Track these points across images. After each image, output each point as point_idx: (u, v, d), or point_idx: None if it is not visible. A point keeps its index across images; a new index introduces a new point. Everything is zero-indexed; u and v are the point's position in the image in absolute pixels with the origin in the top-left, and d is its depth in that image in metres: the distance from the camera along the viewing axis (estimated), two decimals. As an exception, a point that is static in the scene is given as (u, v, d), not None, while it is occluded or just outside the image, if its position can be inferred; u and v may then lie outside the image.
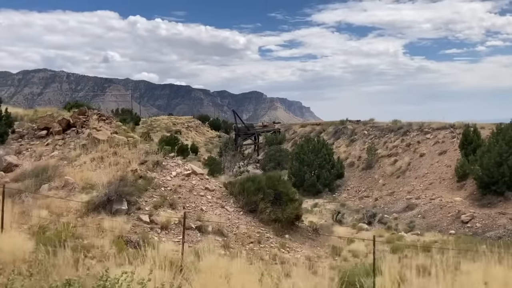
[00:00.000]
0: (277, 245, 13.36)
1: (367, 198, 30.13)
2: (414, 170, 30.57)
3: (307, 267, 10.04)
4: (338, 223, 23.77)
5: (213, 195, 14.77)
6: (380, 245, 15.96)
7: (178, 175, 14.95)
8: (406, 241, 19.29)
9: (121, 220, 11.33)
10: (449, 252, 15.49)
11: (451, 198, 24.81)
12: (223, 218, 13.66)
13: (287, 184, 15.24)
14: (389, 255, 12.47)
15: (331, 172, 33.16)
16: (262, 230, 14.03)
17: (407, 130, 35.45)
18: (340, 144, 41.06)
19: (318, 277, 8.12)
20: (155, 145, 16.45)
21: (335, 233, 19.25)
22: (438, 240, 19.16)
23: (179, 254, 8.46)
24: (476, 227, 21.14)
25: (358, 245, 15.85)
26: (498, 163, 22.92)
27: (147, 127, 79.06)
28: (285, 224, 14.61)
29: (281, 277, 6.52)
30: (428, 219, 23.37)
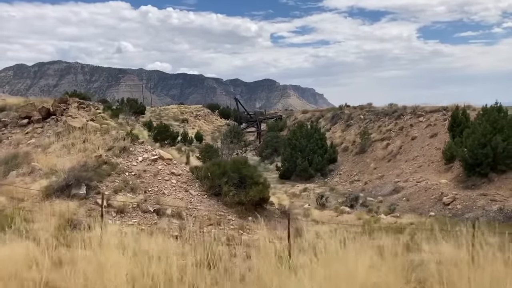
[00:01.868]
0: (237, 227, 13.61)
1: (358, 182, 30.15)
2: (405, 153, 30.45)
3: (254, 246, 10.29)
4: (322, 207, 23.97)
5: (179, 179, 15.06)
6: (354, 227, 16.15)
7: (144, 161, 15.26)
8: (383, 223, 19.44)
9: (74, 204, 11.69)
10: (421, 233, 15.63)
11: (437, 180, 24.70)
12: (185, 202, 13.95)
13: (252, 168, 15.39)
14: (352, 237, 12.67)
15: (324, 157, 33.20)
16: (224, 212, 14.29)
17: (401, 113, 35.21)
18: (336, 129, 40.99)
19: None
20: (128, 131, 16.67)
21: (312, 216, 19.51)
22: (415, 222, 19.19)
23: (122, 235, 8.76)
24: (456, 208, 21.09)
25: (329, 227, 16.03)
26: (482, 144, 22.72)
27: (155, 116, 79.92)
28: (249, 207, 14.82)
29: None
30: (412, 202, 23.35)
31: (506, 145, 22.09)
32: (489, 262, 4.92)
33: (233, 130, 55.85)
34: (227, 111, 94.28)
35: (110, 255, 5.47)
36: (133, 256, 5.66)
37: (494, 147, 22.21)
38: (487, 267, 4.83)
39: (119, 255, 5.35)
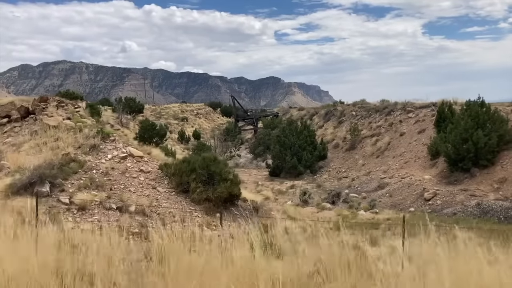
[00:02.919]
0: (202, 224, 13.66)
1: (346, 178, 30.10)
2: (393, 149, 30.35)
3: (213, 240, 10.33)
4: (304, 203, 23.97)
5: (147, 176, 15.12)
6: (327, 223, 16.16)
7: (113, 158, 15.33)
8: (360, 219, 19.44)
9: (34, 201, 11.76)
10: (394, 228, 15.59)
11: (421, 176, 24.63)
12: (150, 199, 14.01)
13: (222, 164, 15.42)
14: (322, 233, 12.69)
15: (313, 154, 33.17)
16: (191, 209, 14.35)
17: (391, 110, 35.07)
18: (329, 126, 40.91)
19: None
20: (98, 129, 16.73)
21: (288, 213, 19.52)
22: (392, 218, 19.18)
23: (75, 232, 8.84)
24: (436, 204, 21.03)
25: (304, 223, 16.06)
26: (464, 139, 22.62)
27: (155, 115, 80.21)
28: (218, 204, 14.85)
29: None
30: (394, 198, 23.31)
31: (488, 140, 21.97)
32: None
33: (228, 128, 55.98)
34: (229, 109, 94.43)
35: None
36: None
37: (475, 142, 22.11)
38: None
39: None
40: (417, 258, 4.36)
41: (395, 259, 4.85)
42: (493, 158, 22.27)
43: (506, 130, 22.64)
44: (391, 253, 6.90)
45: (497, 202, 19.32)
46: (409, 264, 4.55)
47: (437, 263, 3.57)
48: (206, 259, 4.33)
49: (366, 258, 5.42)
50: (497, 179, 21.30)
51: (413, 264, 4.25)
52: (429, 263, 3.72)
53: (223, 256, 5.20)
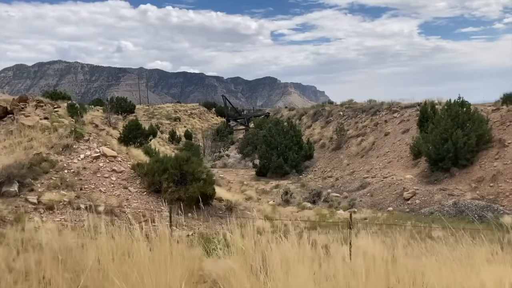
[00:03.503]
0: (172, 224, 13.66)
1: (330, 178, 30.15)
2: (377, 149, 30.43)
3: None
4: (286, 203, 24.03)
5: (119, 176, 15.13)
6: (303, 223, 16.23)
7: (86, 158, 15.34)
8: (338, 218, 19.50)
9: (1, 201, 11.79)
10: (370, 228, 15.65)
11: (403, 176, 24.72)
12: (121, 199, 14.03)
13: (195, 164, 15.44)
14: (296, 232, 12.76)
15: (299, 154, 33.23)
16: (162, 209, 14.37)
17: (377, 110, 35.17)
18: (316, 126, 40.99)
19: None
20: (72, 129, 16.70)
21: (266, 212, 19.56)
22: (369, 217, 19.27)
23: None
24: (415, 203, 21.12)
25: (279, 223, 16.12)
26: (444, 139, 22.73)
27: (148, 115, 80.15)
28: (190, 203, 14.87)
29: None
30: (375, 197, 23.38)
31: (467, 140, 22.07)
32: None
33: (218, 128, 56.02)
34: (223, 109, 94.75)
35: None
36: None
37: (455, 142, 22.22)
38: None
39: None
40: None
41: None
42: (472, 157, 22.38)
43: (485, 130, 22.74)
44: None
45: (473, 201, 19.43)
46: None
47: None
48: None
49: (331, 256, 5.48)
50: (475, 178, 21.41)
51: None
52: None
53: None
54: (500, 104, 26.08)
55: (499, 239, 8.28)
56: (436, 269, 4.47)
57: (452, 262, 4.69)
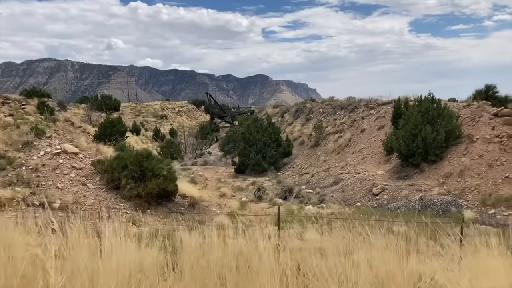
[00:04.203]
0: (128, 220, 13.67)
1: (307, 174, 30.25)
2: (353, 145, 30.59)
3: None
4: (258, 199, 24.10)
5: (79, 173, 15.10)
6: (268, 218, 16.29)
7: (46, 155, 15.28)
8: (305, 214, 19.61)
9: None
10: (334, 223, 15.71)
11: (375, 172, 24.88)
12: (78, 195, 14.00)
13: (155, 161, 15.43)
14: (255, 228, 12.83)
15: (277, 151, 33.27)
16: (120, 205, 14.36)
17: (355, 106, 35.32)
18: (297, 123, 41.07)
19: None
20: (33, 126, 16.62)
21: (232, 209, 19.63)
22: (336, 212, 19.40)
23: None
24: (383, 199, 21.27)
25: (242, 219, 16.14)
26: (414, 135, 22.90)
27: (134, 113, 79.89)
28: (149, 200, 14.90)
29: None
30: (346, 193, 23.51)
31: (436, 136, 22.25)
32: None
33: (201, 126, 55.97)
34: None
35: None
36: None
37: (424, 137, 22.38)
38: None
39: None
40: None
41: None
42: (442, 153, 22.56)
43: (455, 125, 22.94)
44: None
45: (439, 196, 19.62)
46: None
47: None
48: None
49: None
50: (443, 174, 21.60)
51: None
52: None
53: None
54: (471, 100, 26.29)
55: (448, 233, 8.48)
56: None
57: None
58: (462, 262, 4.67)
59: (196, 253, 4.82)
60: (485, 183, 19.76)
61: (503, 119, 22.28)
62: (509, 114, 22.53)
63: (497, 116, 22.74)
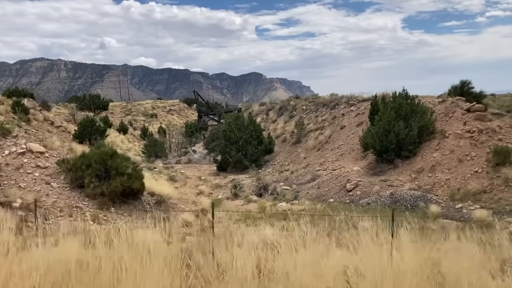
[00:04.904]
0: (90, 218, 13.72)
1: (287, 171, 30.37)
2: (332, 142, 30.72)
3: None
4: (235, 197, 24.20)
5: (43, 172, 15.13)
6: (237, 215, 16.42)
7: (10, 154, 15.30)
8: (277, 210, 19.73)
9: None
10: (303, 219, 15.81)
11: (351, 168, 25.01)
12: (40, 194, 14.04)
13: (120, 159, 15.48)
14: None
15: (258, 148, 33.38)
16: (83, 204, 14.41)
17: (336, 103, 35.46)
18: (281, 120, 41.19)
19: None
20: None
21: (202, 206, 19.69)
22: (306, 208, 19.51)
23: None
24: (356, 194, 21.40)
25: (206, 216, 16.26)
26: (387, 131, 23.04)
27: (125, 112, 79.82)
28: (114, 198, 14.95)
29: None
30: (321, 189, 23.62)
31: (409, 132, 22.41)
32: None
33: (187, 124, 56.02)
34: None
35: None
36: None
37: (397, 133, 22.53)
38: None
39: None
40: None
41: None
42: (415, 149, 22.73)
43: (428, 121, 23.10)
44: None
45: (410, 191, 19.78)
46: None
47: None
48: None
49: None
50: (416, 169, 21.77)
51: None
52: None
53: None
54: (447, 96, 26.48)
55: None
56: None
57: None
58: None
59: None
60: (454, 178, 19.94)
61: (475, 114, 22.46)
62: (481, 110, 22.73)
63: (470, 112, 22.92)
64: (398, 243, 5.50)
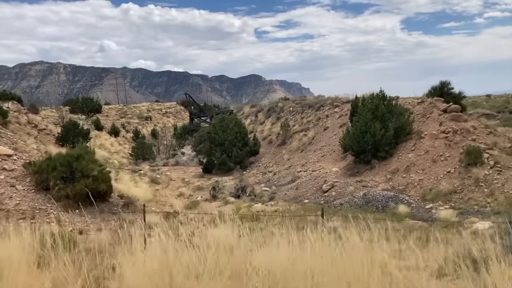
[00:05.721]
0: (53, 220, 13.80)
1: (270, 173, 30.42)
2: (315, 143, 30.78)
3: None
4: (213, 198, 24.25)
5: (9, 174, 15.22)
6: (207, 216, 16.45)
7: (-23, 157, 15.38)
8: (251, 211, 19.80)
9: None
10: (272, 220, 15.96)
11: (330, 169, 25.06)
12: (3, 197, 14.11)
13: (85, 161, 15.55)
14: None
15: (243, 150, 33.43)
16: (47, 206, 14.48)
17: (321, 105, 35.53)
18: (269, 122, 41.27)
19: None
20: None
21: (175, 208, 19.77)
22: (279, 209, 19.58)
23: None
24: (331, 195, 21.47)
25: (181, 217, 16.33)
26: (364, 131, 23.10)
27: (120, 115, 79.97)
28: (78, 200, 14.99)
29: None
30: (299, 190, 23.69)
31: (385, 133, 22.47)
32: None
33: (176, 126, 56.16)
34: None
35: None
36: None
37: (373, 134, 22.59)
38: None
39: None
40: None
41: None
42: (391, 150, 22.78)
43: (405, 122, 23.15)
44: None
45: (383, 192, 19.84)
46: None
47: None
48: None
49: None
50: (391, 170, 21.83)
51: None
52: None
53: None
54: (426, 96, 26.54)
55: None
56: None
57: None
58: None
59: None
60: (428, 178, 19.99)
61: (450, 115, 22.52)
62: (457, 110, 22.79)
63: (446, 112, 22.98)
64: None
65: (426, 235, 10.30)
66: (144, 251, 5.25)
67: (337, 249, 4.42)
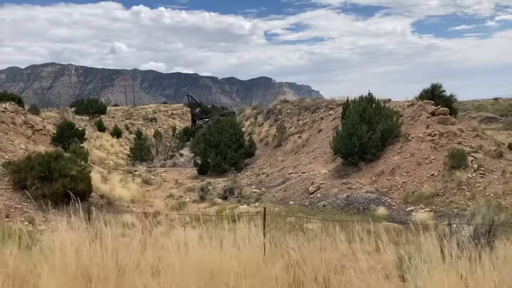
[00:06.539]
0: (27, 220, 14.01)
1: (263, 175, 30.47)
2: (308, 145, 30.79)
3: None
4: (201, 199, 24.38)
5: (-12, 174, 15.47)
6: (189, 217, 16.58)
7: (-41, 157, 15.68)
8: (234, 212, 19.88)
9: None
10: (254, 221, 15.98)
11: (320, 171, 25.06)
12: (-19, 195, 14.37)
13: (64, 161, 15.76)
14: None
15: (238, 152, 33.53)
16: (23, 205, 14.71)
17: (317, 107, 35.52)
18: (267, 124, 41.35)
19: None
20: None
21: (157, 208, 19.93)
22: (262, 211, 19.61)
23: None
24: (316, 197, 21.47)
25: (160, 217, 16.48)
26: (351, 134, 23.09)
27: (125, 116, 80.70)
28: (55, 200, 15.20)
29: None
30: (287, 192, 23.73)
31: (372, 135, 22.43)
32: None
33: (174, 128, 56.48)
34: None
35: None
36: None
37: (360, 137, 22.56)
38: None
39: None
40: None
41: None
42: (378, 152, 22.74)
43: (392, 124, 23.08)
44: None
45: (366, 194, 19.81)
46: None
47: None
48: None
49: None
50: (377, 172, 21.77)
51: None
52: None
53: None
54: (417, 99, 26.43)
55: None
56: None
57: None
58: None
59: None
60: (411, 181, 19.91)
61: (438, 118, 22.41)
62: (445, 113, 22.66)
63: (434, 115, 22.87)
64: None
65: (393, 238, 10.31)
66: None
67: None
